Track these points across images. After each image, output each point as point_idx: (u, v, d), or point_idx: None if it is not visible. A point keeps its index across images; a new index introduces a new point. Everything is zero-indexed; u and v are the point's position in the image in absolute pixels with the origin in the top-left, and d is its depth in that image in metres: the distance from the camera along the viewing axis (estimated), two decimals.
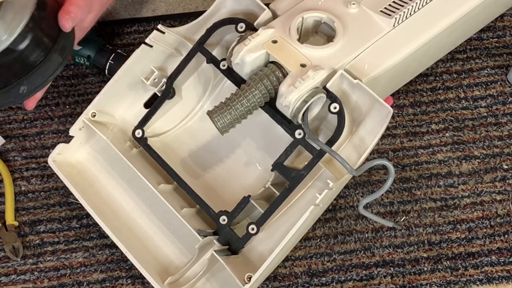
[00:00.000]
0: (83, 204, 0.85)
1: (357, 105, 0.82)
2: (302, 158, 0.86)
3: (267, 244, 0.82)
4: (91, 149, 0.92)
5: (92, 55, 1.02)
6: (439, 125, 0.99)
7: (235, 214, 0.83)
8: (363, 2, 0.86)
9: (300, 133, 0.81)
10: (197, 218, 0.87)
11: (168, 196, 0.84)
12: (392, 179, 0.80)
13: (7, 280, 0.91)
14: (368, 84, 0.80)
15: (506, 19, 1.07)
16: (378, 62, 0.83)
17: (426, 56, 0.92)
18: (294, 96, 0.78)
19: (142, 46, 0.88)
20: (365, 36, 0.83)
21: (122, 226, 0.87)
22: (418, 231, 0.92)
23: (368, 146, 0.81)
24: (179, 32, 0.90)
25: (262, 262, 0.78)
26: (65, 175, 0.87)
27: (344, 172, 0.80)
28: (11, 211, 0.94)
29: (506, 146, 0.97)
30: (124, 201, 0.89)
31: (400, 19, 0.85)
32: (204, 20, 0.90)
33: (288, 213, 0.83)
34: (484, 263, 0.90)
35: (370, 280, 0.89)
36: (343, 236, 0.92)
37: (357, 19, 0.85)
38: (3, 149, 0.99)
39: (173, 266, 0.85)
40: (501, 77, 1.03)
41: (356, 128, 0.83)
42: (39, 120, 1.01)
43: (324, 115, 0.84)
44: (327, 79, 0.80)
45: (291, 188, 0.81)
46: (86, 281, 0.90)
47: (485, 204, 0.94)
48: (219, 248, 0.81)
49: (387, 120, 0.79)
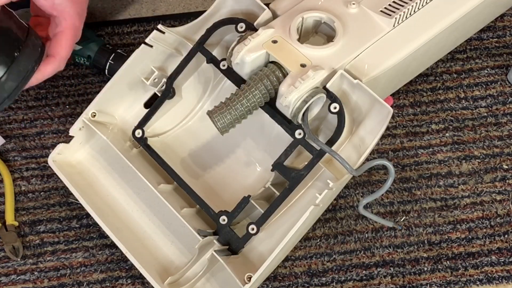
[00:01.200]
0: (83, 204, 0.85)
1: (357, 105, 0.82)
2: (302, 158, 0.86)
3: (267, 244, 0.82)
4: (91, 149, 0.92)
5: (92, 55, 1.02)
6: (439, 125, 0.99)
7: (235, 214, 0.83)
8: (363, 2, 0.86)
9: (300, 133, 0.81)
10: (197, 218, 0.87)
11: (168, 196, 0.84)
12: (392, 179, 0.80)
13: (7, 280, 0.91)
14: (368, 84, 0.80)
15: (506, 19, 1.07)
16: (378, 62, 0.83)
17: (426, 56, 0.92)
18: (294, 96, 0.78)
19: (142, 46, 0.88)
20: (365, 36, 0.83)
21: (122, 226, 0.87)
22: (418, 231, 0.92)
23: (368, 146, 0.81)
24: (179, 32, 0.90)
25: (262, 262, 0.78)
26: (65, 175, 0.87)
27: (344, 172, 0.80)
28: (11, 211, 0.94)
29: (506, 146, 0.97)
30: (124, 201, 0.89)
31: (400, 19, 0.85)
32: (204, 20, 0.90)
33: (288, 213, 0.83)
34: (484, 263, 0.90)
35: (370, 280, 0.89)
36: (343, 236, 0.92)
37: (357, 19, 0.84)
38: (3, 149, 0.99)
39: (173, 266, 0.85)
40: (501, 77, 1.03)
41: (356, 128, 0.82)
42: (39, 120, 1.01)
43: (324, 115, 0.84)
44: (327, 79, 0.80)
45: (291, 188, 0.81)
46: (86, 281, 0.90)
47: (485, 204, 0.94)
48: (219, 248, 0.81)
49: (387, 120, 0.79)
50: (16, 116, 1.02)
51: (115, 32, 1.09)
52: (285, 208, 0.83)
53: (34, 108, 1.02)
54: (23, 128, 1.01)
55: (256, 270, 0.78)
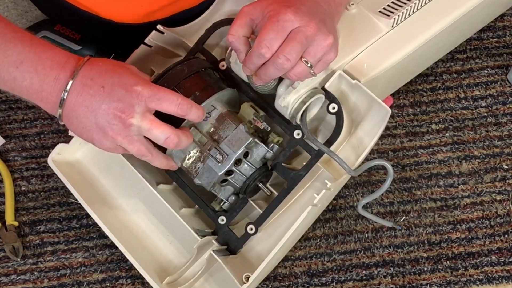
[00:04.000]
0: (83, 204, 0.85)
1: (355, 106, 0.82)
2: (301, 158, 0.86)
3: (266, 244, 0.82)
4: (91, 149, 0.91)
5: (92, 55, 1.02)
6: (439, 125, 0.99)
7: (234, 214, 0.83)
8: (362, 2, 0.86)
9: (298, 134, 0.81)
10: (196, 218, 0.87)
11: (167, 196, 0.85)
12: (391, 180, 0.80)
13: (7, 280, 0.91)
14: (367, 84, 0.80)
15: (506, 19, 1.07)
16: (377, 63, 0.83)
17: (425, 56, 0.92)
18: (293, 96, 0.78)
19: (142, 46, 0.88)
20: (364, 37, 0.83)
21: (121, 226, 0.87)
22: (418, 231, 0.92)
23: (367, 147, 0.81)
24: (178, 32, 0.90)
25: (260, 262, 0.79)
26: (64, 175, 0.87)
27: (342, 172, 0.80)
28: (11, 211, 0.94)
29: (506, 146, 0.97)
30: (123, 201, 0.89)
31: (399, 20, 0.85)
32: (203, 20, 0.90)
33: (286, 213, 0.83)
34: (484, 263, 0.90)
35: (370, 280, 0.89)
36: (343, 236, 0.92)
37: (356, 19, 0.85)
38: (3, 149, 1.00)
39: (171, 266, 0.85)
40: (501, 77, 1.02)
41: (354, 128, 0.82)
42: (39, 120, 1.02)
43: (322, 115, 0.84)
44: (325, 79, 0.80)
45: (289, 188, 0.81)
46: (86, 281, 0.91)
47: (485, 204, 0.94)
48: (217, 248, 0.82)
49: (385, 120, 0.79)
50: (16, 116, 1.02)
51: None
52: (284, 208, 0.83)
53: (34, 108, 1.02)
54: (23, 128, 1.01)
55: (254, 270, 0.78)
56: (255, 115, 0.81)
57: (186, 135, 0.75)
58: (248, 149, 0.79)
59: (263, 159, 0.81)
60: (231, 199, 0.82)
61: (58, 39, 1.02)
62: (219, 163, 0.78)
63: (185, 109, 0.73)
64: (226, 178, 0.80)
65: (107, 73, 0.73)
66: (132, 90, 0.72)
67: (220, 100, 0.81)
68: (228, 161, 0.78)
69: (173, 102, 0.73)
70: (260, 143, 0.79)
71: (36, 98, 0.74)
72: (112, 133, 0.72)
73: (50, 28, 1.02)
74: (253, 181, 0.80)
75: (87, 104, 0.72)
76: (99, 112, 0.72)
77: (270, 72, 0.73)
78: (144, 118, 0.72)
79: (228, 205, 0.83)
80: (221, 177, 0.79)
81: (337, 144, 0.80)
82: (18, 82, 0.73)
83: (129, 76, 0.73)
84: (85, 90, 0.72)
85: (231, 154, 0.78)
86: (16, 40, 0.73)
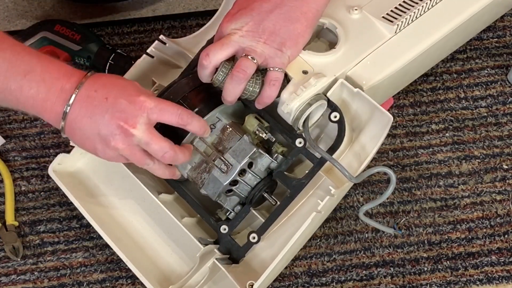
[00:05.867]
0: (84, 214, 0.85)
1: (357, 114, 0.82)
2: (303, 167, 0.86)
3: (269, 252, 0.82)
4: (92, 159, 0.91)
5: (92, 55, 1.02)
6: (439, 125, 0.99)
7: (236, 223, 0.83)
8: (366, 8, 0.86)
9: (300, 142, 0.81)
10: (198, 228, 0.87)
11: (168, 205, 0.84)
12: (393, 187, 0.80)
13: (7, 280, 0.91)
14: (369, 90, 0.80)
15: (506, 19, 1.07)
16: (379, 69, 0.83)
17: (427, 60, 0.92)
18: (296, 103, 0.78)
19: (144, 57, 0.88)
20: (367, 43, 0.83)
21: (123, 235, 0.86)
22: (418, 231, 0.92)
23: (369, 154, 0.81)
24: (180, 43, 0.90)
25: (264, 269, 0.79)
26: (66, 186, 0.87)
27: (344, 180, 0.80)
28: (11, 211, 0.94)
29: (506, 146, 0.97)
30: (125, 210, 0.89)
31: (402, 26, 0.84)
32: (204, 32, 0.91)
33: (289, 222, 0.83)
34: (484, 263, 0.90)
35: (370, 280, 0.90)
36: (343, 236, 0.92)
37: (359, 25, 0.84)
38: (3, 149, 0.99)
39: (174, 275, 0.85)
40: (501, 77, 1.02)
41: (356, 136, 0.82)
42: (39, 120, 1.01)
43: (324, 123, 0.84)
44: (329, 85, 0.80)
45: (292, 197, 0.81)
46: (86, 281, 0.91)
47: (485, 204, 0.94)
48: (220, 257, 0.81)
49: (387, 128, 0.79)
50: (16, 116, 1.02)
51: (115, 32, 1.09)
52: (286, 217, 0.83)
53: None
54: (23, 128, 1.01)
55: (258, 278, 0.78)
56: (260, 126, 0.82)
57: (184, 153, 0.77)
58: (252, 159, 0.80)
59: (267, 169, 0.82)
60: (237, 209, 0.83)
61: (58, 39, 1.02)
62: (224, 173, 0.79)
63: (185, 119, 0.75)
64: (231, 188, 0.81)
65: (111, 85, 0.74)
66: (136, 102, 0.73)
67: (224, 112, 0.82)
68: (233, 171, 0.79)
69: (174, 112, 0.74)
70: (264, 153, 0.80)
71: (41, 108, 0.74)
72: (115, 142, 0.73)
73: (49, 29, 1.03)
74: (258, 191, 0.81)
75: (90, 115, 0.73)
76: (102, 122, 0.73)
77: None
78: (146, 130, 0.73)
79: (233, 215, 0.83)
80: (226, 187, 0.80)
81: (339, 152, 0.81)
82: (25, 90, 0.73)
83: (132, 88, 0.75)
84: (88, 101, 0.73)
85: (235, 164, 0.79)
86: (24, 52, 0.74)
